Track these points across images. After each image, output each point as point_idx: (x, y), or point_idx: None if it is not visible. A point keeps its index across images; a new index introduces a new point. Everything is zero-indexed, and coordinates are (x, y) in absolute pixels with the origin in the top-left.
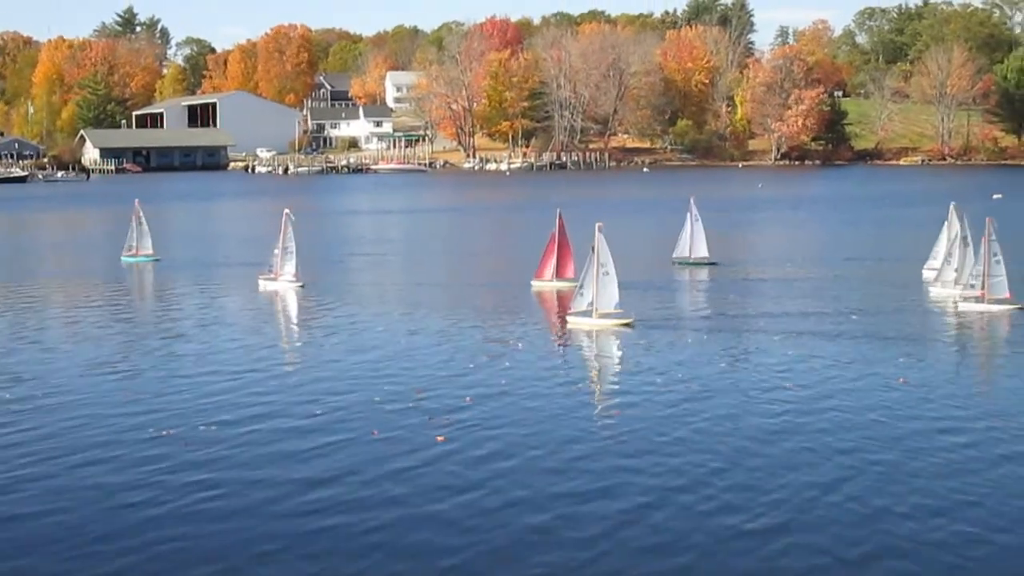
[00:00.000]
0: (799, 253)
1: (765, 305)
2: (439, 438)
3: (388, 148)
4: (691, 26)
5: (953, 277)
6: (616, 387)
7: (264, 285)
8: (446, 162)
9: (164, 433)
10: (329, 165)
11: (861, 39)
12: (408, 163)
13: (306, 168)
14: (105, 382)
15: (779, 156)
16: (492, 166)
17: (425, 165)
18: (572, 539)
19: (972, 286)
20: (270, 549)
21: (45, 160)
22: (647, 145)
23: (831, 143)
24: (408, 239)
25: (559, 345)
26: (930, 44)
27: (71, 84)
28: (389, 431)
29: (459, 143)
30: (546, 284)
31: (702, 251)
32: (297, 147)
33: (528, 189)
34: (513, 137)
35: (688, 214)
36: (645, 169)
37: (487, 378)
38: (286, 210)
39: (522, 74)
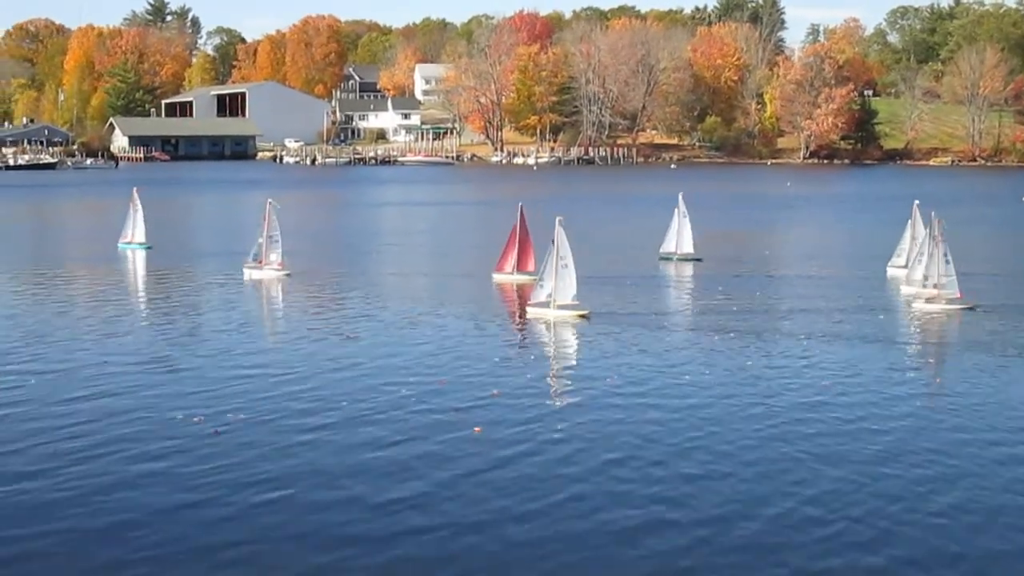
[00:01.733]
0: (793, 252)
1: (732, 302)
2: (476, 429)
3: (416, 140)
4: (722, 23)
5: (921, 276)
6: (551, 377)
7: (249, 274)
8: (473, 155)
9: (196, 420)
10: (356, 156)
11: (893, 38)
12: (435, 156)
13: (333, 159)
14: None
15: (808, 155)
16: (519, 160)
17: (452, 158)
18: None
19: (943, 285)
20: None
21: (74, 147)
22: (675, 142)
23: (860, 142)
24: (413, 232)
25: (516, 334)
26: (962, 44)
27: (101, 72)
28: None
29: (487, 137)
30: (507, 277)
31: (688, 247)
32: (325, 138)
33: (555, 184)
34: (541, 131)
35: (676, 210)
36: (673, 166)
37: (428, 366)
38: (269, 200)
39: (551, 68)
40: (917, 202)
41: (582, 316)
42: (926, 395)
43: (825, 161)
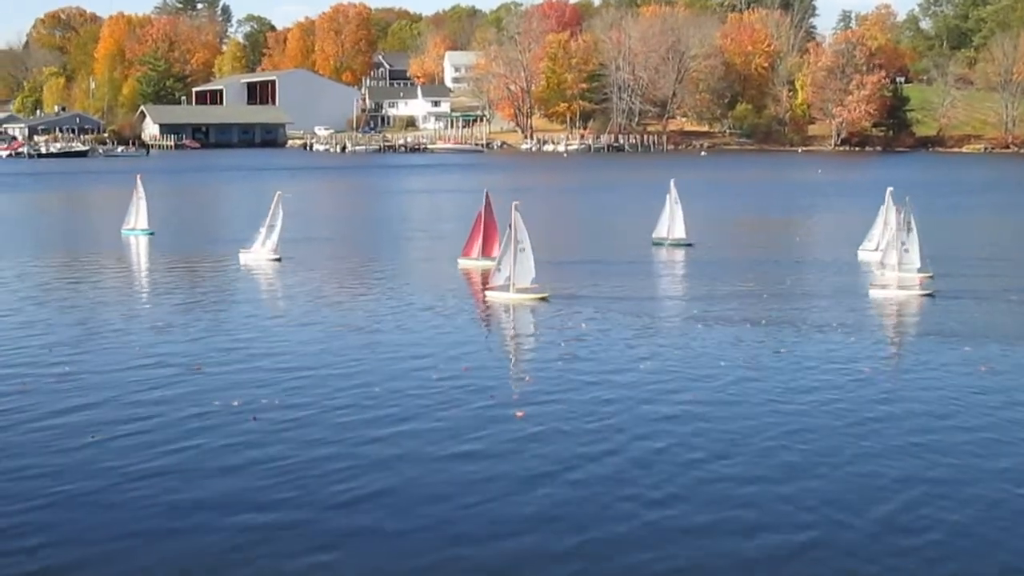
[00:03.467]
0: (790, 238)
1: (709, 287)
2: (519, 414)
3: (446, 128)
4: (752, 9)
5: (895, 260)
6: (507, 357)
7: (243, 258)
8: (503, 143)
9: (235, 404)
10: (386, 144)
11: (925, 24)
12: (465, 143)
13: (363, 147)
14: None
15: (839, 142)
16: (549, 147)
17: (482, 146)
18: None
19: (920, 270)
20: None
21: (105, 135)
22: (705, 129)
23: (892, 129)
24: (419, 219)
25: (477, 318)
26: (995, 30)
27: (132, 60)
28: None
29: (517, 124)
30: (472, 262)
31: (679, 232)
32: (355, 126)
33: (585, 172)
34: (571, 119)
35: (668, 196)
36: (703, 153)
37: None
38: (279, 192)
39: (581, 56)
40: (891, 189)
41: (541, 299)
42: (872, 380)
43: (856, 148)
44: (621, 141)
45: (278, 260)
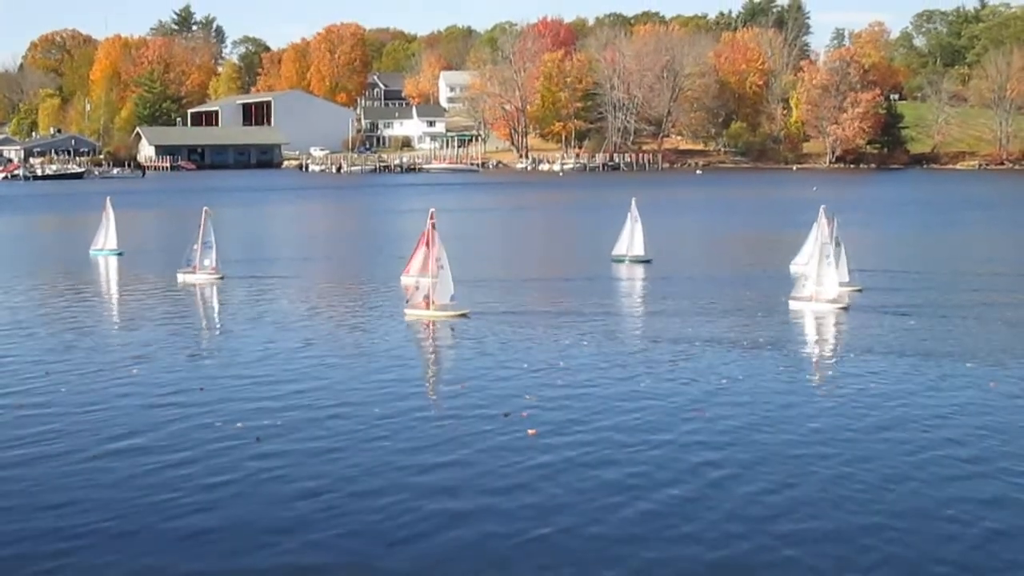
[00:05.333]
0: (749, 254)
1: (652, 302)
2: (531, 431)
3: (441, 148)
4: (746, 28)
5: (818, 274)
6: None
7: (183, 278)
8: (499, 162)
9: (238, 426)
10: (382, 164)
11: (919, 42)
12: (460, 163)
13: (359, 167)
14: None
15: (834, 159)
16: (545, 167)
17: (477, 165)
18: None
19: (849, 284)
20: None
21: (101, 156)
22: (700, 147)
23: (887, 147)
24: (394, 237)
25: (392, 336)
26: (988, 47)
27: (127, 81)
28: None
29: (512, 143)
30: (411, 279)
31: (639, 249)
32: (350, 146)
33: (577, 190)
34: (566, 138)
35: (628, 214)
36: (698, 171)
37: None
38: (205, 208)
39: (576, 75)
40: (824, 206)
41: (461, 315)
42: (792, 391)
43: (851, 166)
44: (616, 160)
45: (220, 279)
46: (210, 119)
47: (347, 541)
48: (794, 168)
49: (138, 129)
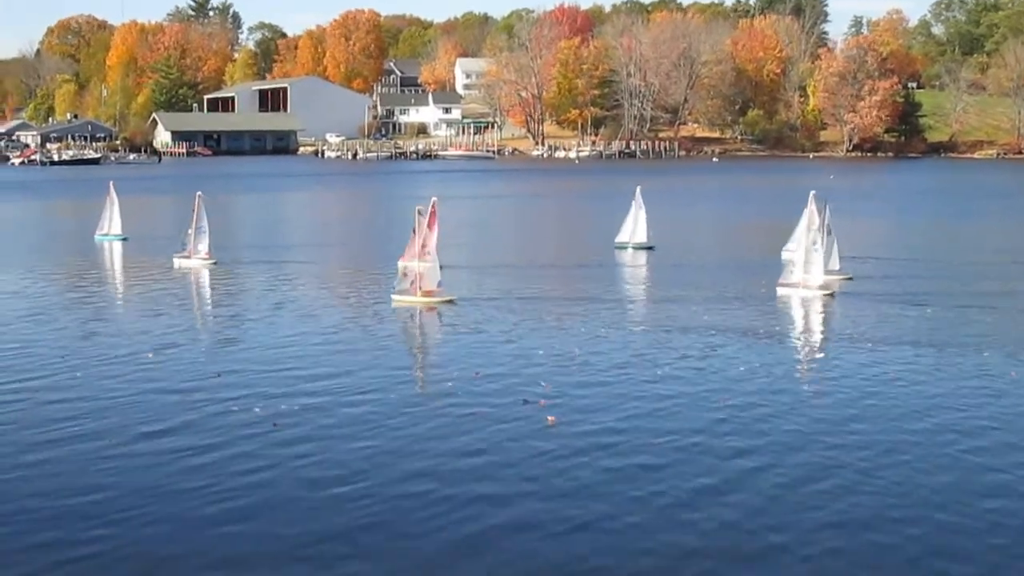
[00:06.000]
0: (751, 242)
1: (652, 288)
2: (550, 419)
3: (457, 135)
4: (763, 15)
5: (806, 261)
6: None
7: (178, 263)
8: (515, 149)
9: (257, 410)
10: (397, 151)
11: (937, 30)
12: (476, 150)
13: (375, 153)
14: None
15: (851, 147)
16: (561, 154)
17: (493, 152)
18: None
19: (839, 271)
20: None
21: (118, 142)
22: (717, 135)
23: (904, 135)
24: (399, 223)
25: (379, 323)
26: (1007, 36)
27: (144, 67)
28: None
29: (528, 130)
30: (404, 265)
31: (641, 236)
32: (366, 132)
33: (592, 178)
34: (582, 125)
35: (633, 202)
36: (715, 159)
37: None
38: (198, 193)
39: (592, 62)
40: (813, 192)
41: (447, 301)
42: (787, 379)
43: (868, 154)
44: (632, 147)
45: (214, 264)
46: (226, 105)
47: (377, 525)
48: (811, 156)
49: (154, 115)
